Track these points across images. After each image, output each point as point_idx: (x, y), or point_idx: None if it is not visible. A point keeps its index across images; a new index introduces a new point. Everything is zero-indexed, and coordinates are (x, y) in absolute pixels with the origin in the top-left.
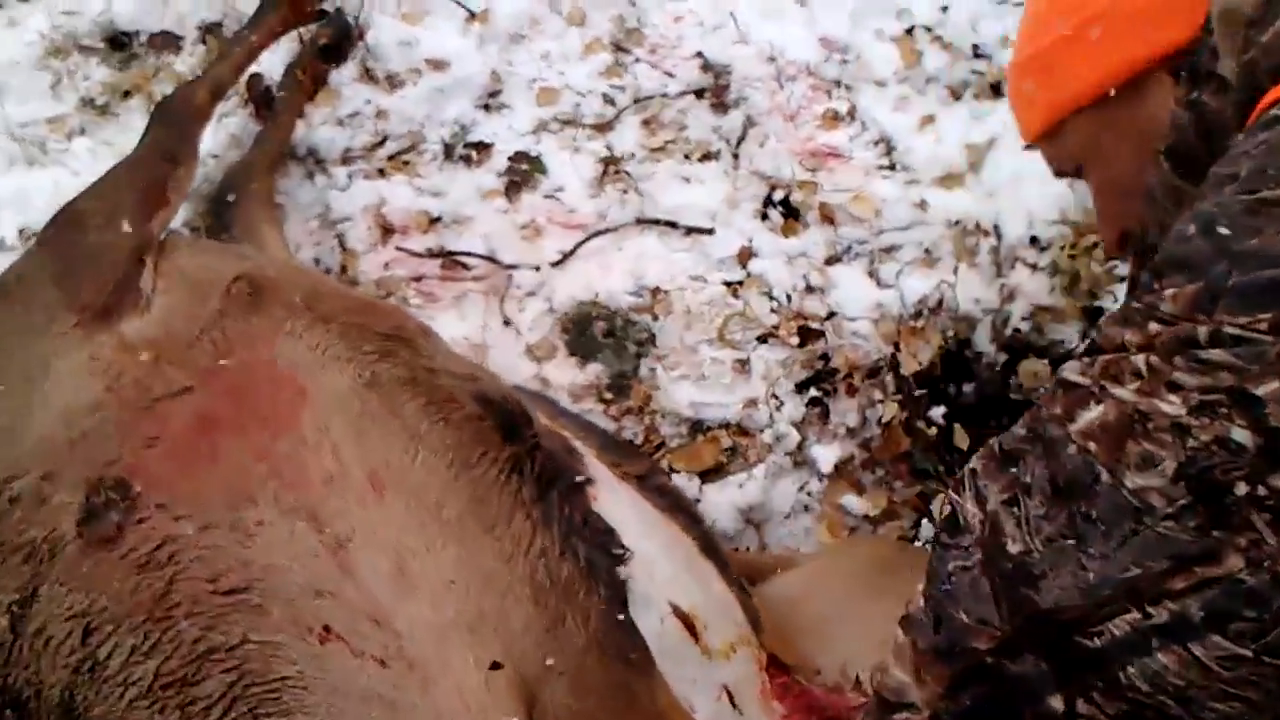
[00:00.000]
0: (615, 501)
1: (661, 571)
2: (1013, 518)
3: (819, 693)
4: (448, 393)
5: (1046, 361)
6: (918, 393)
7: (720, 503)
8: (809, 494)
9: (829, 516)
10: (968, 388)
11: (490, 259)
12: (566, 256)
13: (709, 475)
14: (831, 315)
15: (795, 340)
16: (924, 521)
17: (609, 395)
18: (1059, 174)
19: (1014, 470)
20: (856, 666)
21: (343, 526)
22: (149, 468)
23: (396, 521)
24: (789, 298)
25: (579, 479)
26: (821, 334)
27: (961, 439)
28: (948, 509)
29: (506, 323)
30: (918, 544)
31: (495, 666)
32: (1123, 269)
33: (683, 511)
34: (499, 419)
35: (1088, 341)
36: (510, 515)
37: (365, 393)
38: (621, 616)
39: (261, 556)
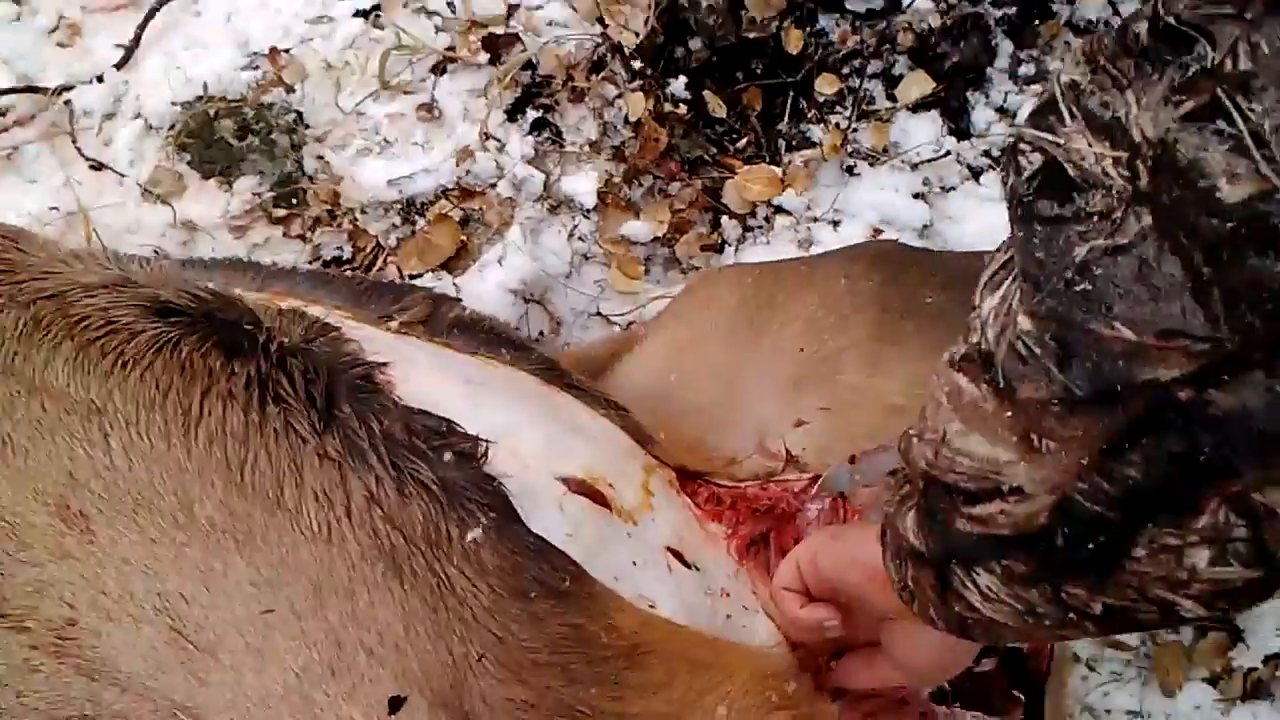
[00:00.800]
0: (420, 373)
1: (529, 440)
2: (1216, 136)
3: (752, 489)
4: (91, 315)
5: None
6: (649, 72)
7: (485, 293)
8: (581, 239)
9: (616, 256)
10: (696, 44)
11: (28, 89)
12: (131, 50)
13: (456, 264)
14: (514, 9)
15: (483, 57)
16: (724, 219)
17: (281, 212)
18: None
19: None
20: (774, 432)
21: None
22: None
23: (133, 559)
24: (451, 4)
25: (362, 367)
26: (514, 37)
27: (717, 106)
28: (1031, 161)
29: (96, 167)
30: (745, 256)
31: (396, 704)
32: None
33: (499, 339)
34: (205, 331)
35: None
36: (297, 469)
37: None
38: (526, 536)
39: None
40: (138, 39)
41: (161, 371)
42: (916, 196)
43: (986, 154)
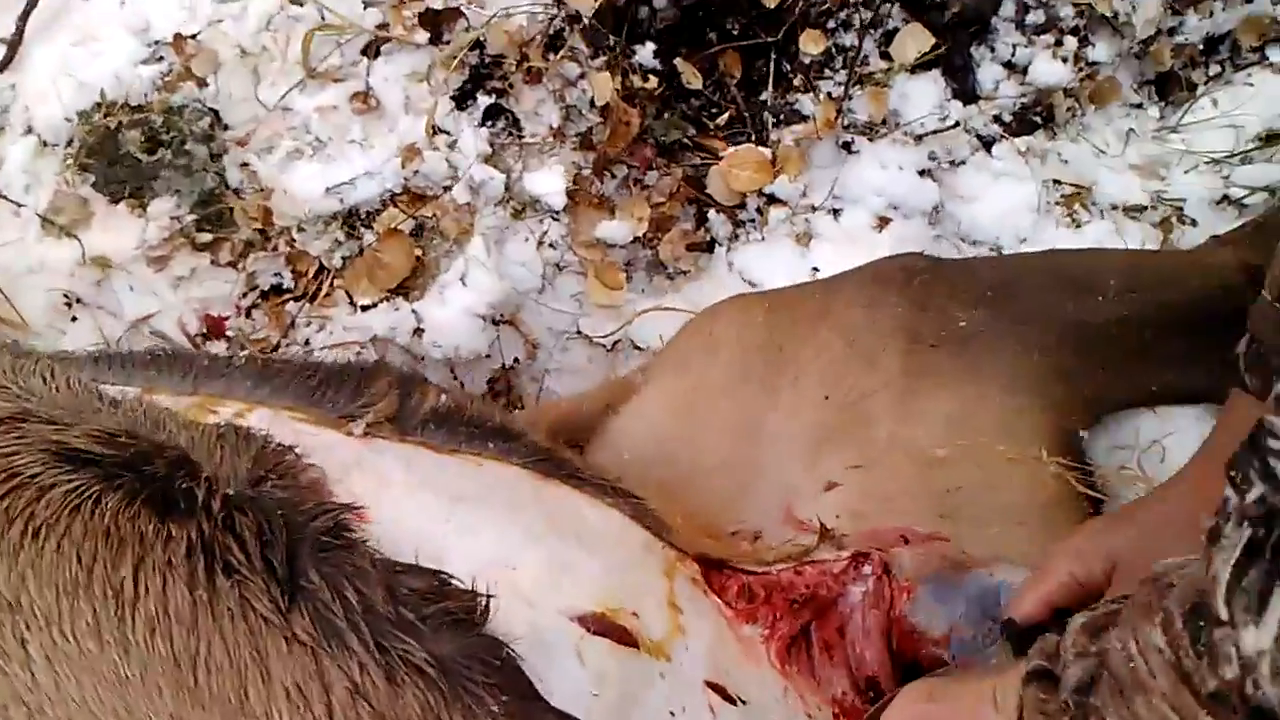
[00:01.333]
0: (396, 496)
1: (530, 569)
2: None
3: (786, 575)
4: None
5: None
6: (612, 41)
7: (449, 319)
8: (553, 245)
9: (593, 263)
10: (661, 2)
11: None
12: (13, 47)
13: (412, 285)
14: None
15: (422, 35)
16: (710, 213)
17: (205, 237)
18: None
19: None
20: (802, 498)
21: None
22: None
23: None
24: None
25: (328, 515)
26: (457, 12)
27: (692, 76)
28: None
29: None
30: (739, 257)
31: None
32: None
33: (481, 430)
34: (130, 486)
35: None
36: (261, 660)
37: None
38: (542, 712)
39: None
40: (20, 33)
41: (82, 538)
42: (923, 174)
43: (997, 119)
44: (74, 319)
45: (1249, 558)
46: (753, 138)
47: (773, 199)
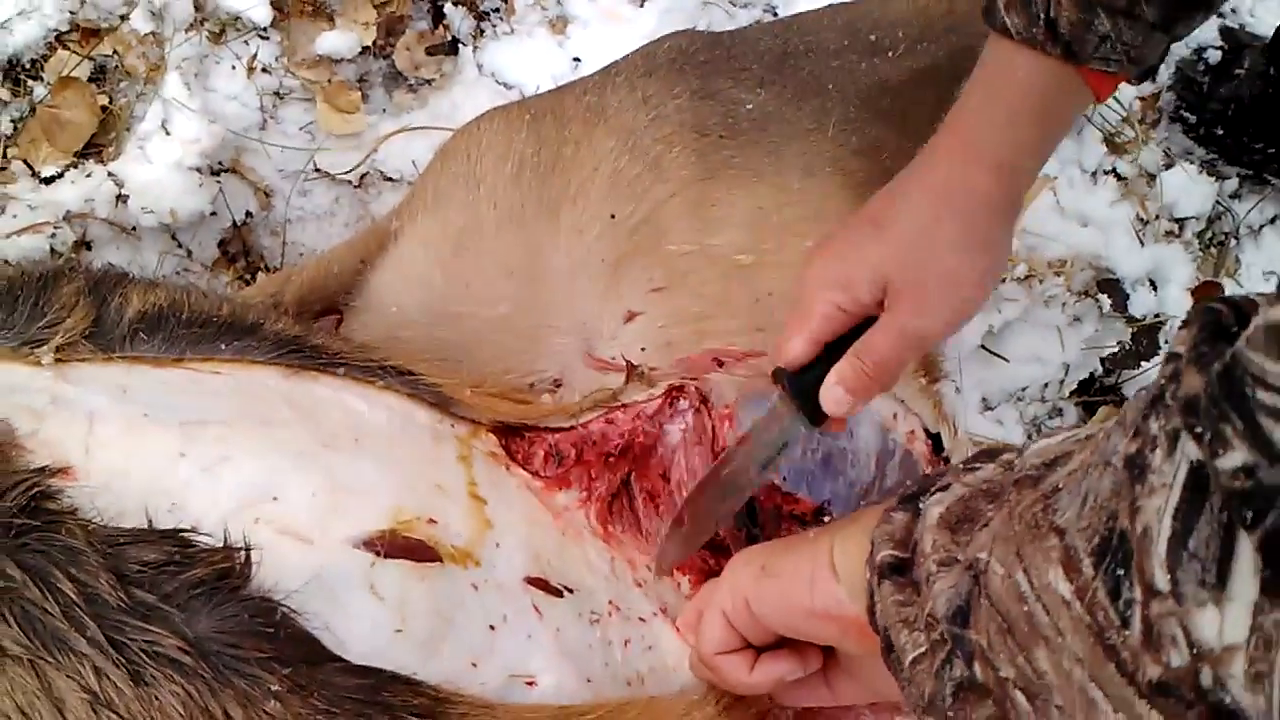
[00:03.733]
0: (110, 435)
1: (298, 496)
2: None
3: (596, 425)
4: None
5: None
6: None
7: (157, 179)
8: (266, 70)
9: (320, 86)
10: None
11: None
12: None
13: (102, 142)
14: None
15: None
16: (447, 7)
17: None
18: None
19: None
20: (602, 335)
21: None
22: None
23: None
24: None
25: (23, 483)
26: None
27: None
28: None
29: None
30: (488, 57)
31: None
32: None
33: (207, 325)
34: None
35: None
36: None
37: None
38: (343, 679)
39: None
40: None
41: None
42: None
43: None
44: None
45: (1193, 509)
46: None
47: None
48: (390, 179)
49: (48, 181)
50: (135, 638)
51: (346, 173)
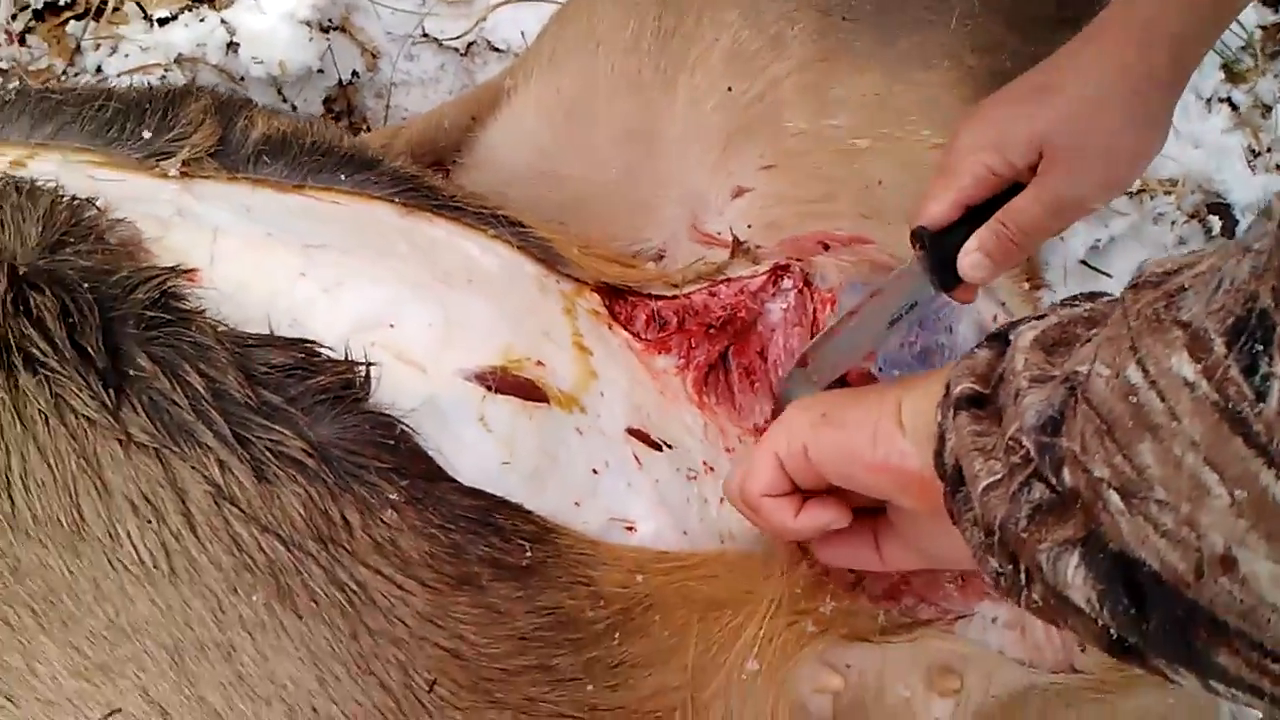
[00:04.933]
0: (236, 250)
1: (415, 324)
2: None
3: (699, 297)
4: None
5: None
6: None
7: (267, 30)
8: None
9: None
10: None
11: None
12: None
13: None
14: None
15: None
16: None
17: None
18: None
19: None
20: (710, 209)
21: None
22: None
23: None
24: None
25: (153, 281)
26: None
27: None
28: None
29: None
30: None
31: None
32: None
33: (330, 154)
34: None
35: None
36: (92, 471)
37: None
38: (457, 499)
39: None
40: None
41: None
42: None
43: None
44: None
45: None
46: None
47: None
48: (497, 49)
49: (161, 24)
50: (261, 436)
51: (454, 39)
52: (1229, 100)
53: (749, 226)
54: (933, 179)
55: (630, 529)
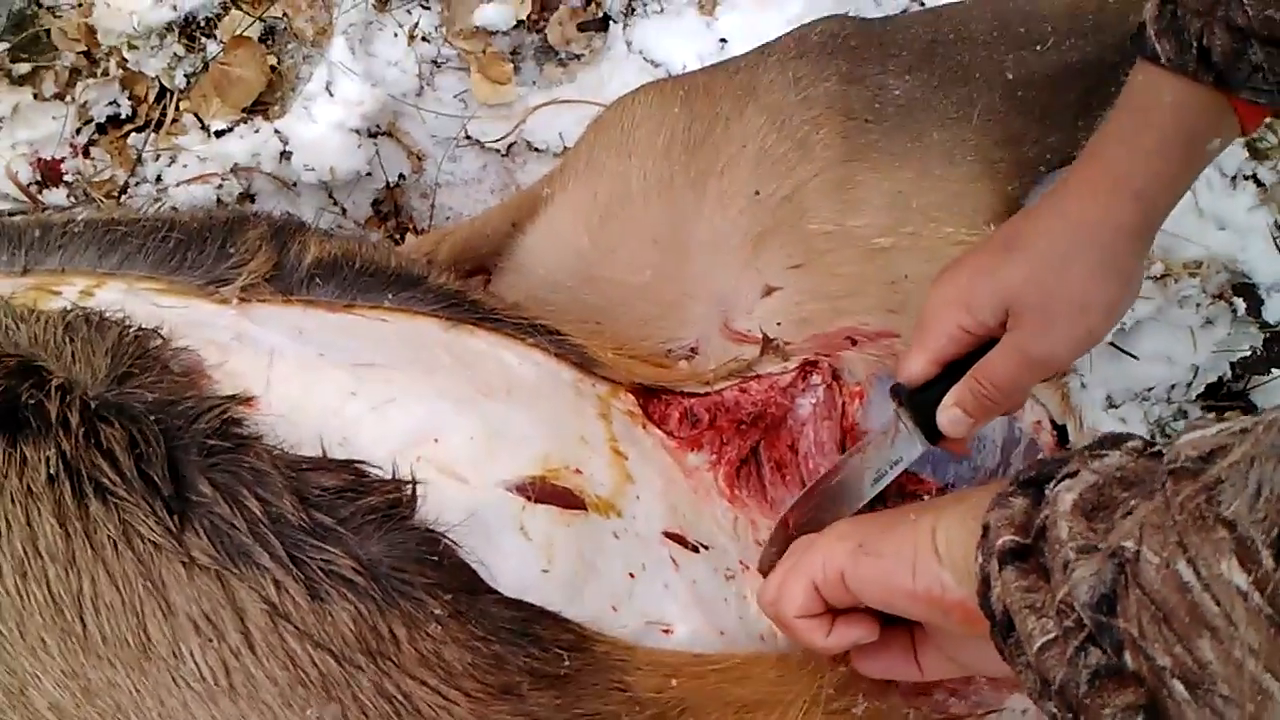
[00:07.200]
0: (290, 374)
1: (458, 439)
2: None
3: (730, 394)
4: None
5: None
6: None
7: (318, 138)
8: (426, 39)
9: (474, 57)
10: None
11: None
12: None
13: (269, 101)
14: None
15: None
16: None
17: (23, 68)
18: None
19: None
20: (739, 307)
21: None
22: None
23: None
24: None
25: (213, 411)
26: None
27: None
28: None
29: None
30: (639, 33)
31: None
32: None
33: (377, 275)
34: None
35: None
36: (158, 592)
37: None
38: (498, 611)
39: None
40: None
41: None
42: None
43: None
44: None
45: None
46: None
47: None
48: (537, 149)
49: (218, 135)
50: (314, 556)
51: (495, 141)
52: (1254, 177)
53: (779, 324)
54: (912, 338)
55: (667, 631)
